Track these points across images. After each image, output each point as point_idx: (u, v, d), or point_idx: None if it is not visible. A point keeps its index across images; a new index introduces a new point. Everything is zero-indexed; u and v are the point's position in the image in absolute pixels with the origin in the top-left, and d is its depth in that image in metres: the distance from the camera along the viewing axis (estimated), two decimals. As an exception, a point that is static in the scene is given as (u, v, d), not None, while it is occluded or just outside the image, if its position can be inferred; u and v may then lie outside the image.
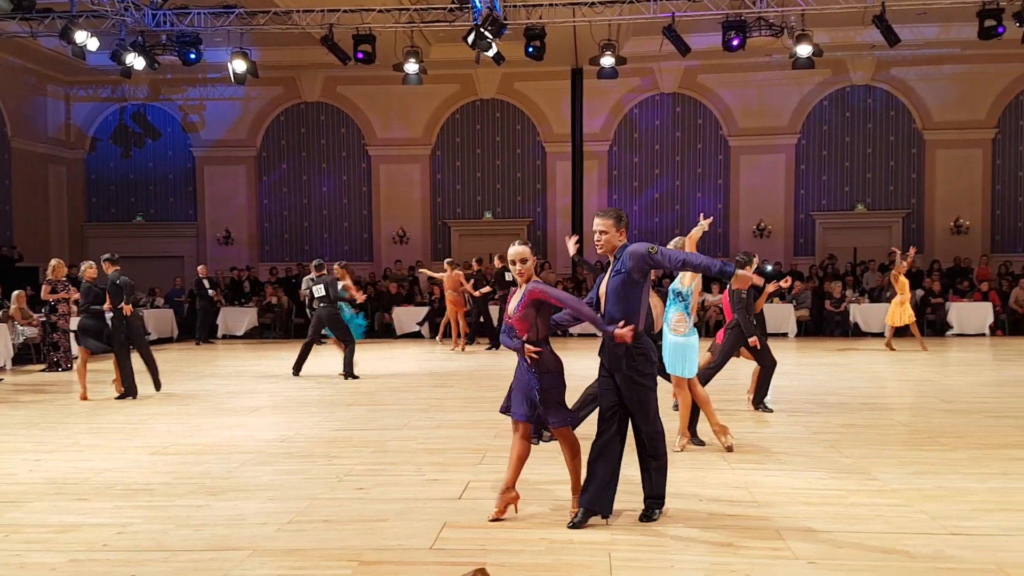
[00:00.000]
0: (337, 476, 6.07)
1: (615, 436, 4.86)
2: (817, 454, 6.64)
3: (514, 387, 4.97)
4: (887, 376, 11.68)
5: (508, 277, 15.70)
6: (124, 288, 10.01)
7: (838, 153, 21.40)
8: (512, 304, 4.90)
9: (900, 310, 14.68)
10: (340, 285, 12.41)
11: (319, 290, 11.88)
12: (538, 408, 4.80)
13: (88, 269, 10.35)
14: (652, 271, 4.82)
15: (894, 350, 14.85)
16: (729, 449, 6.71)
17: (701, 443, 6.98)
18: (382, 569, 4.23)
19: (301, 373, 12.11)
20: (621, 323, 4.68)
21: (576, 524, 4.76)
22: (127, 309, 9.95)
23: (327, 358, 13.96)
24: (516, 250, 4.87)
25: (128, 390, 10.13)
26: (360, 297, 13.49)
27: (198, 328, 18.55)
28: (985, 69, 20.44)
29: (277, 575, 4.17)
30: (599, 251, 4.91)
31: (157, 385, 10.45)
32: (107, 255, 10.38)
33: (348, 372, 11.78)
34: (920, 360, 13.55)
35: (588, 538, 4.62)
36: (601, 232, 4.85)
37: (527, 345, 4.78)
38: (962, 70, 20.61)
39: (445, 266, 16.07)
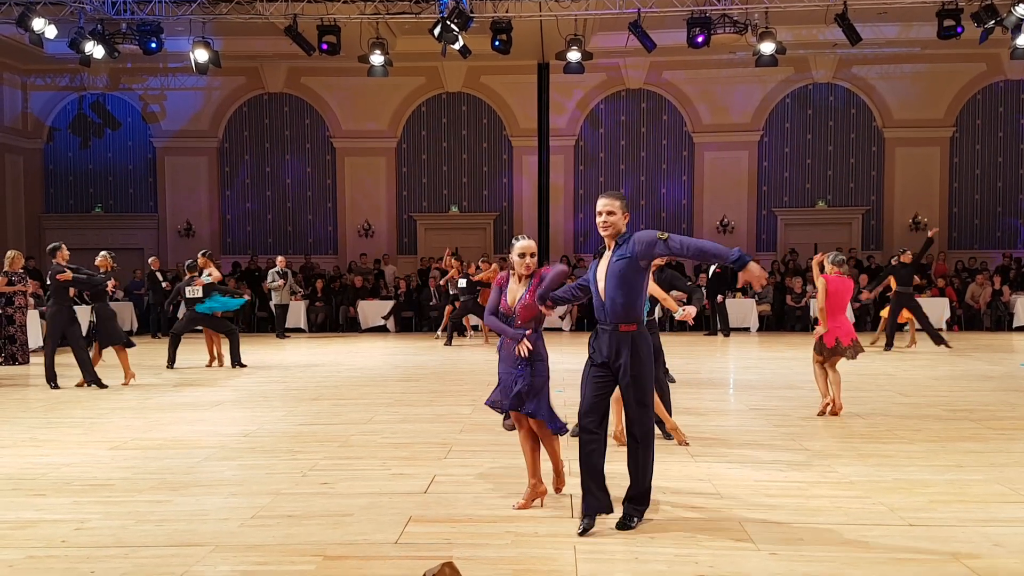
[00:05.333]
0: (301, 471, 6.02)
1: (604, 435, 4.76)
2: (778, 447, 6.73)
3: (502, 381, 5.06)
4: (846, 370, 11.77)
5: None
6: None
7: (800, 150, 21.64)
8: (516, 294, 4.98)
9: None
10: (205, 273, 12.67)
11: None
12: (522, 394, 4.90)
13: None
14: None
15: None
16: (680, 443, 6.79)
17: (669, 437, 7.02)
18: (347, 564, 4.21)
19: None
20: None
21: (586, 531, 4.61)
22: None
23: (290, 352, 13.85)
24: (525, 244, 4.99)
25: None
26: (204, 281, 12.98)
27: (154, 321, 18.34)
28: (944, 68, 20.80)
29: (240, 571, 4.12)
30: (604, 233, 4.73)
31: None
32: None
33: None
34: (877, 354, 13.77)
35: (553, 530, 4.63)
36: (608, 213, 4.70)
37: (526, 336, 4.88)
38: (922, 69, 20.96)
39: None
